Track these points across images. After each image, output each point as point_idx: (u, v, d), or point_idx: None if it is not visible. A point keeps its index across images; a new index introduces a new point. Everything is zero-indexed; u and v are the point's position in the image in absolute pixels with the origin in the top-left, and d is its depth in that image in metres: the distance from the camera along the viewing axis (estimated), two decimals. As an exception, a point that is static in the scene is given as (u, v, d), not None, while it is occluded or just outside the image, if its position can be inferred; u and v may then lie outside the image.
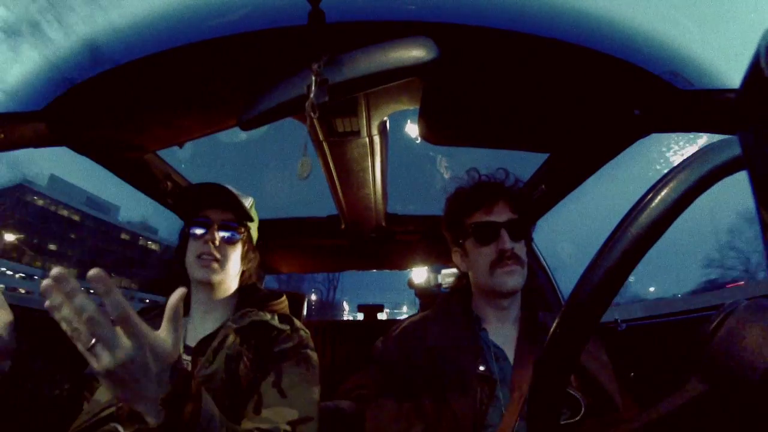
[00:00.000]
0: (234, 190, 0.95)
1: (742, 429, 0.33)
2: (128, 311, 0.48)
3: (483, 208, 0.91)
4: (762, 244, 0.23)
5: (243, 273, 0.98)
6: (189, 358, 0.86)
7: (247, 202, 0.98)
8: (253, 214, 1.00)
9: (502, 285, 0.87)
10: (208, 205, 0.93)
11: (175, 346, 0.54)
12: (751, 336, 0.34)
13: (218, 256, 0.89)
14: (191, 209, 0.94)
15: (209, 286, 0.91)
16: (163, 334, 0.53)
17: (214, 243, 0.89)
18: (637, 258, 0.34)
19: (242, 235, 0.95)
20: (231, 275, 0.93)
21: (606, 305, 0.36)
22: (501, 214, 0.90)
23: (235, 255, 0.93)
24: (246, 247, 0.97)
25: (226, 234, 0.91)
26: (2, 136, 0.96)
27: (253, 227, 1.00)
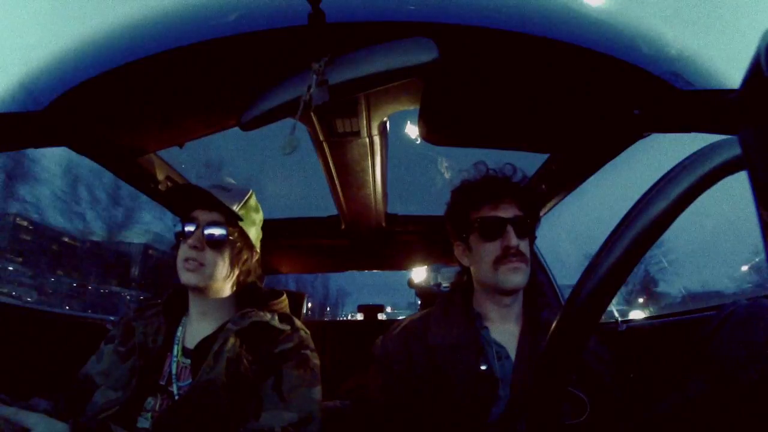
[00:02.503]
0: (224, 187, 0.92)
1: (743, 427, 0.33)
2: None
3: (490, 203, 0.90)
4: (762, 243, 0.23)
5: (239, 274, 0.93)
6: (188, 361, 0.86)
7: (240, 198, 0.92)
8: (248, 209, 0.94)
9: (506, 282, 0.86)
10: (197, 205, 0.90)
11: None
12: (751, 335, 0.34)
13: (202, 260, 0.85)
14: (182, 210, 0.91)
15: (197, 290, 0.89)
16: None
17: (198, 247, 0.86)
18: (637, 257, 0.34)
19: (231, 234, 0.89)
20: (219, 278, 0.89)
21: (606, 303, 0.36)
22: (507, 210, 0.89)
23: (223, 258, 0.88)
24: (238, 247, 0.91)
25: (211, 236, 0.87)
26: (2, 136, 0.96)
27: (249, 224, 0.93)
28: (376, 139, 1.25)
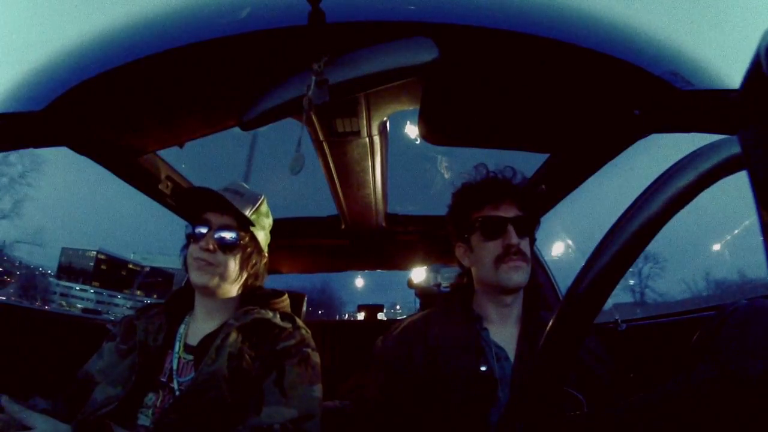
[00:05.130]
0: (237, 191, 0.93)
1: (744, 419, 0.33)
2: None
3: (491, 203, 0.91)
4: (762, 244, 0.23)
5: (247, 277, 0.95)
6: (191, 357, 0.86)
7: (253, 204, 0.94)
8: (260, 214, 0.96)
9: (507, 280, 0.87)
10: (208, 207, 0.91)
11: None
12: (752, 335, 0.34)
13: (213, 261, 0.87)
14: (193, 211, 0.92)
15: (206, 290, 0.89)
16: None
17: (209, 250, 0.87)
18: (633, 255, 0.34)
19: (243, 239, 0.91)
20: (228, 280, 0.90)
21: (602, 302, 0.36)
22: (508, 211, 0.90)
23: (233, 260, 0.90)
24: (249, 251, 0.93)
25: (223, 239, 0.88)
26: (2, 136, 0.96)
27: (259, 228, 0.95)
28: (376, 139, 1.25)
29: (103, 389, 0.82)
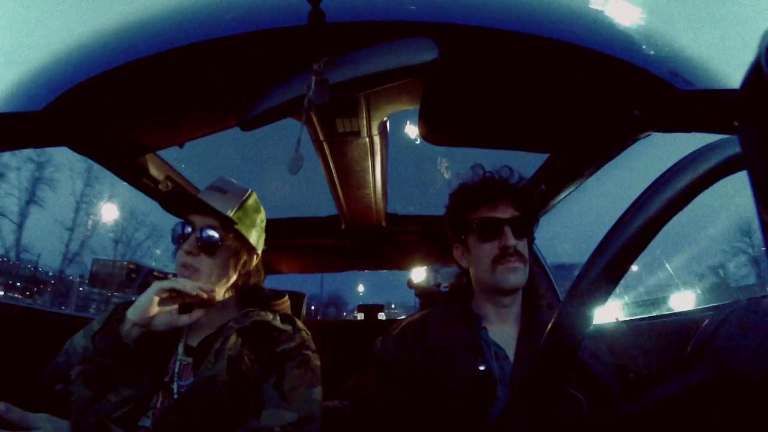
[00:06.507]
0: (221, 188, 0.91)
1: (742, 419, 0.33)
2: None
3: (487, 204, 0.91)
4: (763, 244, 0.23)
5: (239, 276, 0.93)
6: (190, 359, 0.86)
7: (236, 201, 0.91)
8: (246, 211, 0.92)
9: (504, 282, 0.87)
10: (191, 210, 0.88)
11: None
12: (750, 335, 0.34)
13: (198, 266, 0.85)
14: (179, 214, 0.91)
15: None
16: None
17: (192, 252, 0.85)
18: (634, 255, 0.34)
19: (227, 239, 0.88)
20: (216, 282, 0.88)
21: (603, 302, 0.36)
22: (505, 211, 0.90)
23: (218, 262, 0.87)
24: (235, 249, 0.90)
25: (204, 240, 0.85)
26: (2, 136, 0.96)
27: (248, 226, 0.92)
28: (376, 139, 1.25)
29: (118, 390, 0.81)
